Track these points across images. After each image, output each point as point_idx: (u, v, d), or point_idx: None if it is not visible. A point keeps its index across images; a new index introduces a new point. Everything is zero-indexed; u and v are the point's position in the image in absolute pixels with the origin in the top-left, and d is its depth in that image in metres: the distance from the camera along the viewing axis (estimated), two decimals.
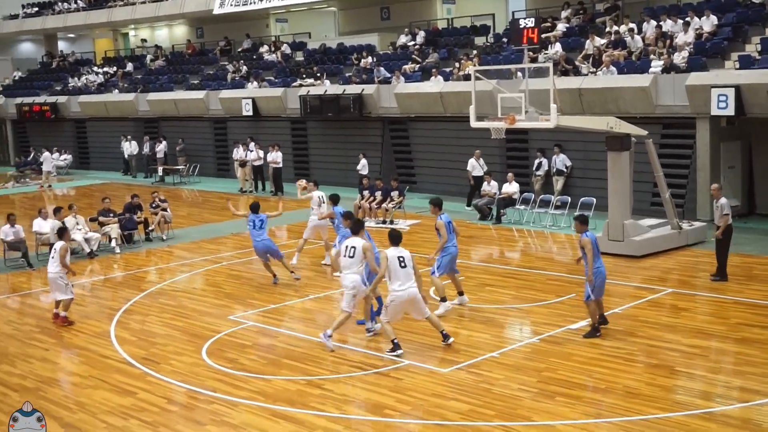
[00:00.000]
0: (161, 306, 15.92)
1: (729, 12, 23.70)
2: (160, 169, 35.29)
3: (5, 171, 40.13)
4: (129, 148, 37.13)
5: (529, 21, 18.37)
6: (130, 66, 44.08)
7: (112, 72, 44.20)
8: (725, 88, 20.06)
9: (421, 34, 32.47)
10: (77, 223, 20.72)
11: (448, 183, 27.14)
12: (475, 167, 24.52)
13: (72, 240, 20.31)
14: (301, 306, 15.55)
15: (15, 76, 49.19)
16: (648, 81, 21.81)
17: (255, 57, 38.39)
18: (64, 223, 19.57)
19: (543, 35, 24.98)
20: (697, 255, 18.11)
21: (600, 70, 23.40)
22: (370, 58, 32.13)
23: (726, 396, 10.61)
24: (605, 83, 22.72)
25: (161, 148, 35.51)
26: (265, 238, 16.94)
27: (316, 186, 18.88)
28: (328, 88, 30.67)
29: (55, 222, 19.15)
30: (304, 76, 32.71)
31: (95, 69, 45.73)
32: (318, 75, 32.10)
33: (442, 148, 27.56)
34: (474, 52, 28.52)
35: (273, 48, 38.13)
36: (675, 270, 17.14)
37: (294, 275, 17.13)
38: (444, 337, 12.57)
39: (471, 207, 24.11)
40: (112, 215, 21.67)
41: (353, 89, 29.53)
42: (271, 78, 34.45)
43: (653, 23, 24.57)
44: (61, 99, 42.03)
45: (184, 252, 20.95)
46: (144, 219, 22.44)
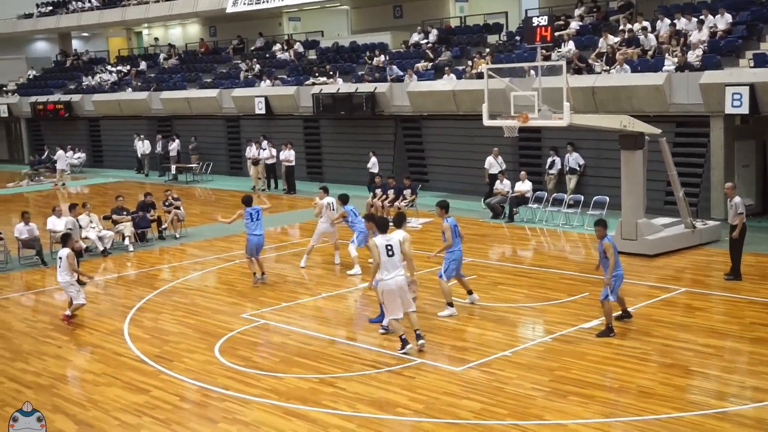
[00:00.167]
0: (174, 304, 15.97)
1: (743, 10, 23.55)
2: (173, 168, 35.41)
3: (20, 169, 40.32)
4: (141, 147, 37.24)
5: (542, 19, 18.33)
6: (143, 65, 44.23)
7: (125, 71, 44.37)
8: (739, 86, 19.95)
9: (434, 32, 32.42)
10: (91, 221, 20.81)
11: (460, 181, 27.11)
12: (493, 165, 24.36)
13: (86, 238, 20.48)
14: (313, 304, 15.56)
15: (29, 74, 49.44)
16: (662, 79, 21.72)
17: (268, 55, 38.45)
18: (77, 222, 19.67)
19: (556, 33, 24.88)
20: (711, 254, 18.03)
21: (613, 68, 23.32)
22: (382, 56, 32.12)
23: (740, 396, 10.55)
24: (619, 81, 22.64)
25: (174, 146, 35.59)
26: (261, 233, 16.91)
27: (326, 193, 18.75)
28: (340, 86, 30.68)
29: (69, 218, 19.21)
30: (316, 74, 32.75)
31: (109, 68, 45.91)
32: (331, 73, 32.11)
33: (454, 146, 27.54)
34: (487, 50, 28.48)
35: (286, 46, 38.16)
36: (688, 269, 17.06)
37: (264, 277, 17.11)
38: (417, 337, 12.33)
39: (485, 205, 24.06)
40: (125, 213, 21.76)
41: (366, 87, 29.53)
42: (284, 76, 34.49)
43: (667, 21, 24.45)
44: (75, 97, 42.23)
45: (196, 250, 21.00)
46: (157, 217, 22.51)
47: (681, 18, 24.16)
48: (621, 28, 25.50)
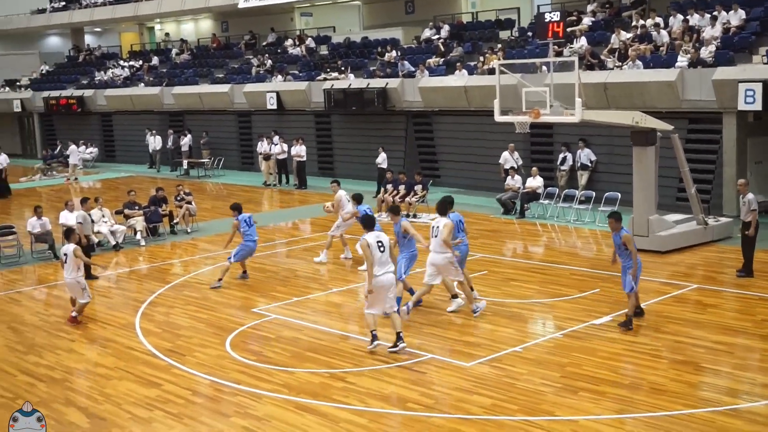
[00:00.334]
0: (186, 298, 16.03)
1: (757, 6, 23.41)
2: (184, 163, 35.50)
3: (33, 164, 40.51)
4: (153, 142, 37.33)
5: (555, 15, 18.31)
6: (155, 60, 44.35)
7: (137, 66, 44.48)
8: (752, 82, 19.84)
9: (446, 27, 32.37)
10: (103, 216, 20.91)
11: (471, 177, 27.09)
12: (508, 160, 24.29)
13: (98, 233, 20.57)
14: (325, 299, 15.59)
15: (42, 69, 49.62)
16: (674, 75, 21.63)
17: (279, 51, 38.47)
18: (89, 216, 19.74)
19: (568, 29, 24.78)
20: (723, 251, 17.97)
21: (626, 64, 23.23)
22: (394, 51, 32.10)
23: (752, 393, 10.51)
24: (631, 78, 22.56)
25: (186, 141, 35.67)
26: (257, 239, 17.09)
27: (338, 185, 18.77)
28: (352, 81, 30.69)
29: (80, 212, 19.29)
30: (328, 69, 32.75)
31: (121, 63, 46.03)
32: (342, 69, 32.11)
33: (465, 142, 27.50)
34: (498, 45, 28.42)
35: (297, 42, 38.18)
36: (700, 266, 17.01)
37: (245, 275, 17.18)
38: (397, 338, 12.06)
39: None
40: (137, 208, 21.84)
41: (377, 83, 29.52)
42: (296, 72, 34.51)
43: (680, 17, 24.34)
44: (88, 92, 42.37)
45: (208, 245, 21.06)
46: (169, 212, 22.58)
47: (694, 14, 24.05)
48: (633, 24, 25.41)
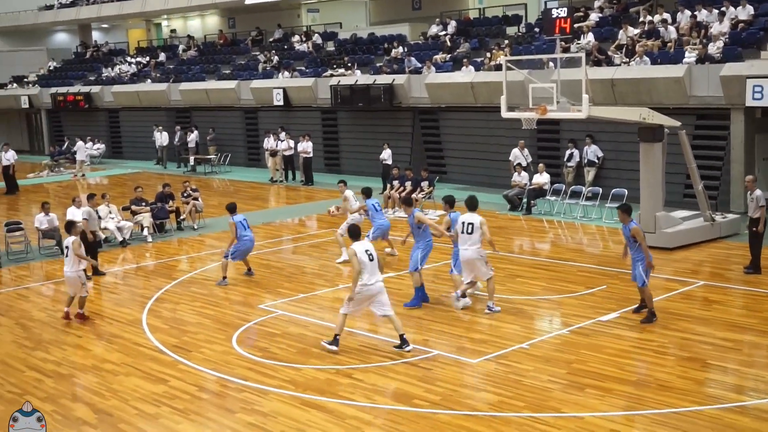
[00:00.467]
0: (192, 294, 16.05)
1: (765, 2, 23.32)
2: (191, 159, 35.54)
3: (40, 160, 40.59)
4: (160, 138, 37.38)
5: (562, 11, 18.22)
6: (162, 56, 44.40)
7: (144, 62, 44.55)
8: (761, 78, 19.77)
9: (453, 23, 32.33)
10: (110, 212, 20.96)
11: (478, 173, 27.06)
12: (518, 157, 24.26)
13: (105, 229, 20.61)
14: (331, 295, 15.59)
15: (50, 66, 49.74)
16: (682, 71, 21.57)
17: (286, 47, 38.48)
18: (95, 212, 19.77)
19: (575, 25, 24.73)
20: (730, 247, 17.92)
21: (633, 60, 23.17)
22: (400, 48, 32.07)
23: (759, 390, 10.48)
24: (638, 74, 22.50)
25: (192, 137, 35.72)
26: (252, 236, 17.04)
27: (345, 185, 18.71)
28: (358, 78, 30.67)
29: (86, 208, 19.33)
30: (335, 66, 32.74)
31: (128, 59, 46.12)
32: (349, 65, 32.10)
33: (472, 138, 27.48)
34: (505, 42, 28.37)
35: (304, 38, 38.19)
36: (707, 262, 16.97)
37: (251, 272, 17.20)
38: (402, 341, 12.03)
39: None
40: (144, 204, 21.88)
41: (384, 79, 29.51)
42: (302, 68, 34.51)
43: (687, 13, 24.27)
44: (95, 89, 42.46)
45: (214, 241, 21.08)
46: (175, 208, 22.63)
47: (702, 9, 23.98)
48: (641, 19, 25.34)
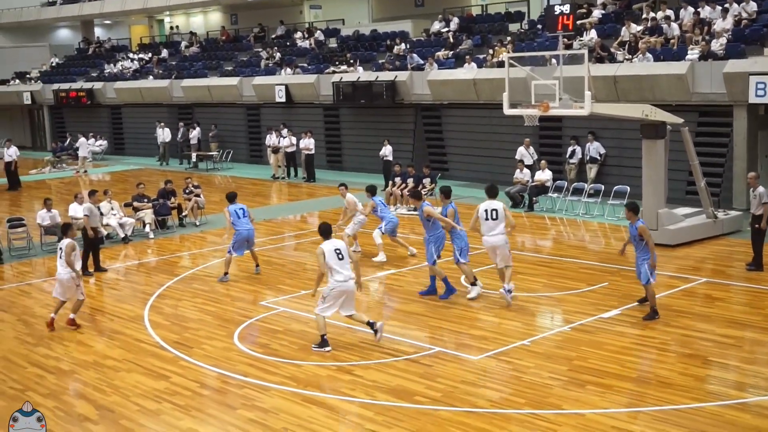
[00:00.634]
0: (194, 291, 16.06)
1: None
2: (193, 155, 35.56)
3: (42, 156, 40.64)
4: (162, 135, 37.39)
5: (565, 7, 18.17)
6: (165, 52, 44.40)
7: (147, 58, 44.56)
8: (764, 75, 19.76)
9: (455, 20, 32.30)
10: (112, 208, 20.98)
11: (480, 170, 27.04)
12: (524, 155, 24.21)
13: (107, 225, 20.62)
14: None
15: (52, 62, 49.77)
16: (684, 68, 21.54)
17: (288, 43, 38.46)
18: (97, 208, 19.77)
19: (578, 22, 24.74)
20: (733, 244, 17.90)
21: (636, 57, 23.14)
22: (403, 44, 32.05)
23: (760, 386, 10.47)
24: (641, 70, 22.47)
25: (195, 134, 35.73)
26: (251, 227, 16.84)
27: (346, 188, 18.53)
28: (361, 74, 30.66)
29: (87, 205, 19.34)
30: (337, 62, 32.72)
31: (131, 55, 46.13)
32: (351, 62, 32.08)
33: (474, 135, 27.46)
34: (508, 38, 28.35)
35: (306, 34, 38.16)
36: (709, 259, 16.95)
37: (257, 269, 17.10)
38: (372, 328, 12.25)
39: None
40: (146, 201, 21.89)
41: (386, 76, 29.49)
42: (305, 65, 34.50)
43: (691, 10, 24.23)
44: (97, 85, 42.48)
45: (216, 237, 21.10)
46: (177, 205, 22.63)
47: (705, 6, 23.93)
48: (644, 16, 25.29)
